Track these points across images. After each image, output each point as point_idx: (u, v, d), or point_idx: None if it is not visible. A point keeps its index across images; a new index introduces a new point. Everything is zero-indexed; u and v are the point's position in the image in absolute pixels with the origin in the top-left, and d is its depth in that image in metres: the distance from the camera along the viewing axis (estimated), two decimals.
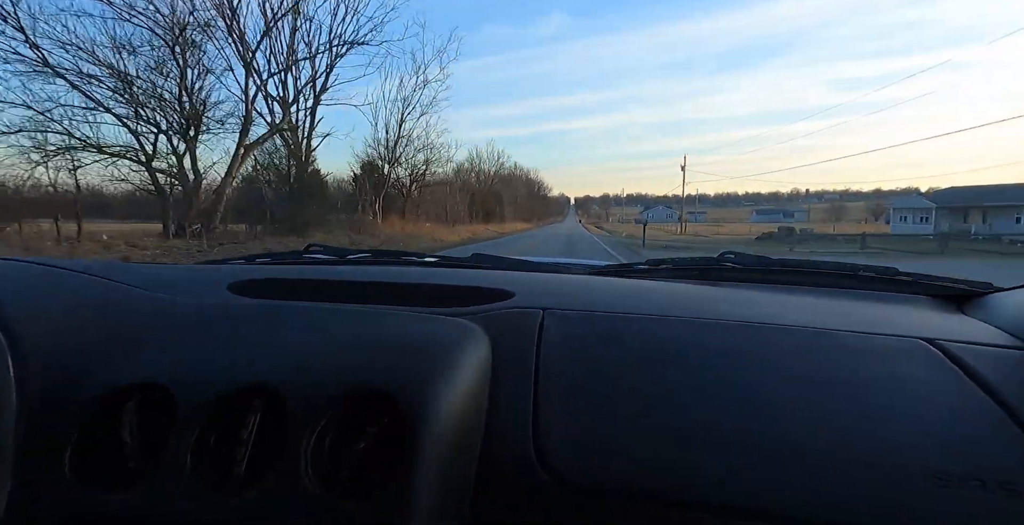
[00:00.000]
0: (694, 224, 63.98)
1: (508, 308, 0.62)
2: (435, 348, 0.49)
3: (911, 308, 0.72)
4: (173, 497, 0.38)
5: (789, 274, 0.85)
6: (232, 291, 0.68)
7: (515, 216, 64.88)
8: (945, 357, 0.52)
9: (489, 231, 36.12)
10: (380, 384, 0.43)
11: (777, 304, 0.70)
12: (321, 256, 0.99)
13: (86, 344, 0.48)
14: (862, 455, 0.40)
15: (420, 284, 0.74)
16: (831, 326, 0.59)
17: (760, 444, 0.42)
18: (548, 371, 0.50)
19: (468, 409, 0.44)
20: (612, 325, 0.58)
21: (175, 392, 0.42)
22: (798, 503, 0.38)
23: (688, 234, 36.18)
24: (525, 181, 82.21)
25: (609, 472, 0.41)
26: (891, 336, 0.56)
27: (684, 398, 0.47)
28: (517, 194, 71.35)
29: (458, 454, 0.42)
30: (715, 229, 50.30)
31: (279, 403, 0.41)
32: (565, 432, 0.44)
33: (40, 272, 0.58)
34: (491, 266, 0.91)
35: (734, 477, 0.39)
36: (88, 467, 0.41)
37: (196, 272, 0.80)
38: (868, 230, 32.73)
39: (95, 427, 0.42)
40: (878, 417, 0.44)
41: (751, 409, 0.45)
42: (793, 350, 0.54)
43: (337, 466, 0.40)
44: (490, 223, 43.74)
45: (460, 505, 0.41)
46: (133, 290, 0.60)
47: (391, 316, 0.57)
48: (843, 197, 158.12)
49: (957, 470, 0.39)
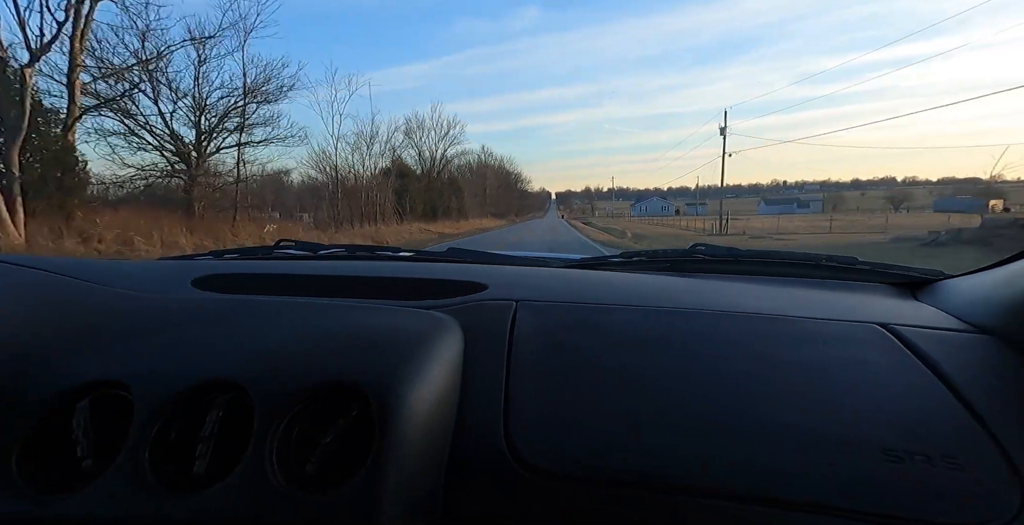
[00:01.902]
0: (696, 218, 52.54)
1: (481, 300, 0.62)
2: (406, 340, 0.48)
3: (868, 295, 0.76)
4: (130, 497, 0.37)
5: (756, 265, 0.88)
6: (196, 286, 0.66)
7: (482, 212, 52.22)
8: (897, 341, 0.55)
9: (424, 233, 23.38)
10: (348, 377, 0.42)
11: (743, 293, 0.72)
12: (293, 251, 0.98)
13: (39, 340, 0.47)
14: (819, 434, 0.42)
15: (392, 278, 0.72)
16: (792, 313, 0.61)
17: (726, 426, 0.43)
18: (521, 362, 0.50)
19: (440, 401, 0.44)
20: (583, 315, 0.59)
21: (133, 389, 0.41)
22: (761, 481, 0.39)
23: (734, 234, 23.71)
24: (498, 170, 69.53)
25: (580, 460, 0.41)
26: (848, 322, 0.59)
27: (653, 384, 0.48)
28: (487, 185, 58.67)
29: (429, 446, 0.41)
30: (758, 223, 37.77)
31: (243, 398, 0.40)
32: (537, 422, 0.44)
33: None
34: (466, 260, 0.90)
35: (703, 459, 0.41)
36: (39, 468, 0.39)
37: (159, 267, 0.77)
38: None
39: (47, 426, 0.41)
40: (834, 398, 0.46)
41: (716, 393, 0.46)
42: (755, 336, 0.55)
43: (304, 461, 0.39)
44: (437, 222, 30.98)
45: (431, 497, 0.40)
46: (91, 285, 0.58)
47: (360, 309, 0.56)
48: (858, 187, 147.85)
49: (905, 446, 0.41)
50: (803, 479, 0.39)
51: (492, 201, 60.80)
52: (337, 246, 1.00)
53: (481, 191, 57.06)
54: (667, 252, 0.97)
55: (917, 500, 0.38)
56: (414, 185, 29.23)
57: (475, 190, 55.72)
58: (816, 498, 0.38)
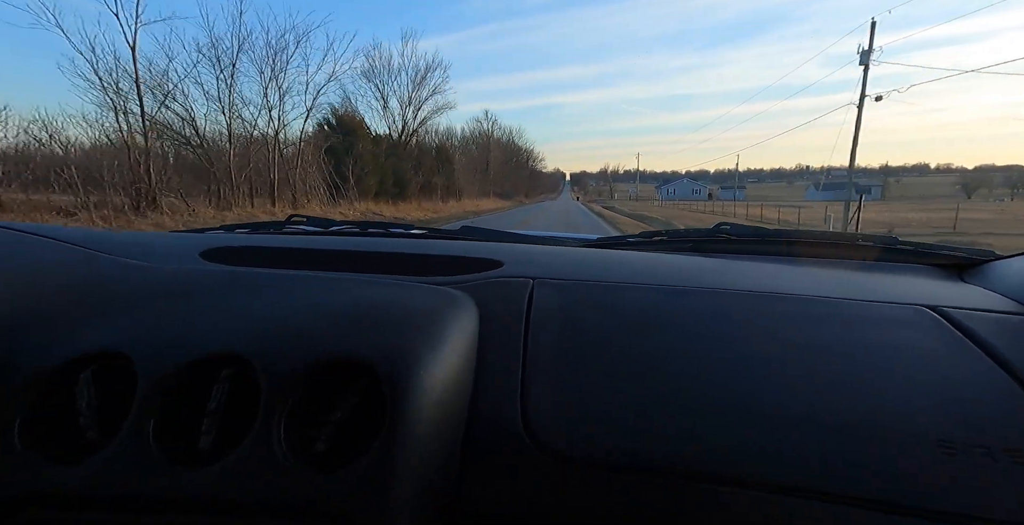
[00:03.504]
0: (732, 203, 42.88)
1: (497, 277, 0.60)
2: (419, 316, 0.47)
3: (911, 277, 0.72)
4: (133, 470, 0.36)
5: (785, 245, 0.84)
6: (205, 258, 0.65)
7: (482, 190, 42.83)
8: (949, 324, 0.51)
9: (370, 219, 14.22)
10: (360, 352, 0.41)
11: (773, 274, 0.68)
12: (304, 227, 0.97)
13: (43, 309, 0.46)
14: (865, 424, 0.39)
15: (404, 254, 0.71)
16: (831, 294, 0.57)
17: (758, 413, 0.40)
18: (537, 341, 0.49)
19: (454, 379, 0.43)
20: (603, 294, 0.57)
21: (136, 360, 0.40)
22: (799, 472, 0.37)
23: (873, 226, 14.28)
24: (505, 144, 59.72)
25: (598, 443, 0.39)
26: (893, 304, 0.55)
27: (677, 367, 0.45)
28: (489, 158, 49.13)
29: (442, 426, 0.40)
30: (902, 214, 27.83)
31: (250, 372, 0.39)
32: (554, 403, 0.42)
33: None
34: (480, 238, 0.89)
35: (732, 448, 0.38)
36: (41, 439, 0.39)
37: (168, 239, 0.76)
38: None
39: (50, 397, 0.40)
40: (881, 385, 0.43)
41: (748, 378, 0.44)
42: (791, 318, 0.52)
43: (313, 438, 0.38)
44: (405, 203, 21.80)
45: (444, 477, 0.39)
46: (96, 254, 0.57)
47: (373, 284, 0.54)
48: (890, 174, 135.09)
49: (962, 437, 0.38)
50: (848, 471, 0.36)
51: (496, 179, 51.29)
52: (349, 222, 0.99)
53: (482, 165, 47.59)
54: (689, 232, 0.94)
55: (977, 496, 0.35)
56: (368, 150, 19.82)
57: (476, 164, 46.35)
58: (862, 492, 0.35)
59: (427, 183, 26.96)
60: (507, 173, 56.49)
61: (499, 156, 53.64)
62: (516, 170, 63.11)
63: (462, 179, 35.67)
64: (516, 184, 61.19)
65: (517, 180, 62.78)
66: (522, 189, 64.76)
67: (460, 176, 34.96)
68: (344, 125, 19.49)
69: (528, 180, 73.41)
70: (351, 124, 19.79)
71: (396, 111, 26.67)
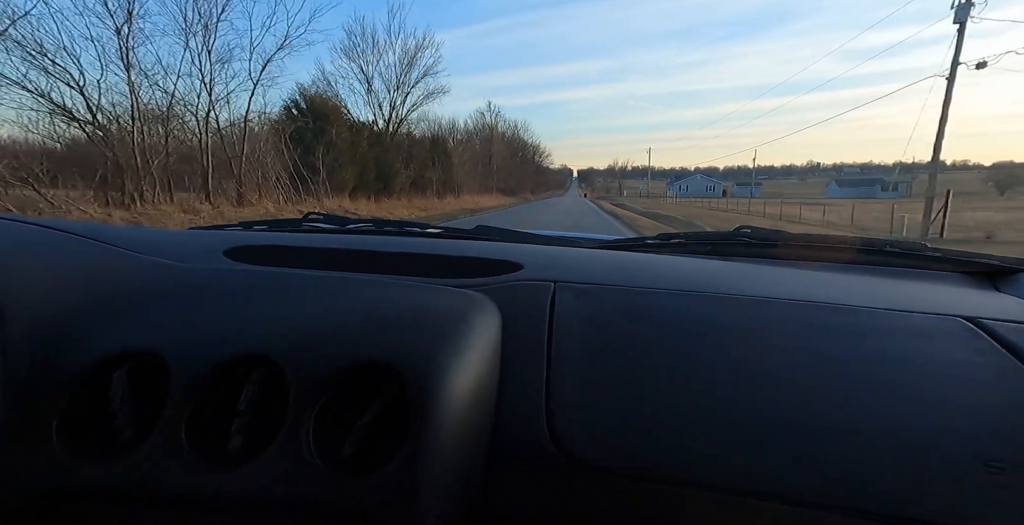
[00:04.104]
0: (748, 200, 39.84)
1: (517, 280, 0.60)
2: (444, 320, 0.47)
3: (943, 285, 0.70)
4: (166, 469, 0.37)
5: (809, 249, 0.82)
6: (229, 257, 0.66)
7: (484, 186, 40.09)
8: (988, 336, 0.49)
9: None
10: (386, 356, 0.41)
11: (800, 280, 0.67)
12: (321, 225, 0.98)
13: (76, 307, 0.46)
14: (906, 441, 0.38)
15: (424, 254, 0.71)
16: (860, 303, 0.56)
17: (793, 427, 0.40)
18: (561, 346, 0.48)
19: (478, 384, 0.42)
20: (626, 299, 0.56)
21: (169, 360, 0.41)
22: (834, 488, 0.36)
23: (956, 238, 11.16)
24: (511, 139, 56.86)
25: (625, 452, 0.39)
26: (928, 314, 0.53)
27: (705, 377, 0.44)
28: (492, 153, 46.33)
29: (468, 431, 0.40)
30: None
31: (279, 374, 0.40)
32: (579, 410, 0.42)
33: (27, 231, 0.55)
34: (495, 237, 0.89)
35: (761, 461, 0.37)
36: (77, 437, 0.39)
37: (190, 237, 0.77)
38: None
39: (85, 396, 0.41)
40: (921, 400, 0.41)
41: (782, 390, 0.43)
42: (824, 328, 0.51)
43: (341, 441, 0.38)
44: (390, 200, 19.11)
45: (470, 483, 0.39)
46: (125, 252, 0.57)
47: (397, 286, 0.54)
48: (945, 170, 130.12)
49: (1010, 455, 0.37)
50: (887, 488, 0.35)
51: (500, 174, 48.50)
52: (365, 220, 1.00)
53: (484, 160, 44.81)
54: (709, 234, 0.93)
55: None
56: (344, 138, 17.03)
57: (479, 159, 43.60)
58: (905, 513, 0.34)
59: (420, 178, 24.18)
60: (511, 168, 53.69)
61: (503, 150, 50.86)
62: (521, 165, 60.33)
63: (461, 174, 32.95)
64: (521, 180, 58.42)
65: (522, 176, 60.00)
66: (527, 185, 61.99)
67: (459, 170, 32.22)
68: (316, 108, 16.70)
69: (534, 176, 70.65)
70: (323, 108, 16.93)
71: (383, 96, 23.86)
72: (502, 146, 51.14)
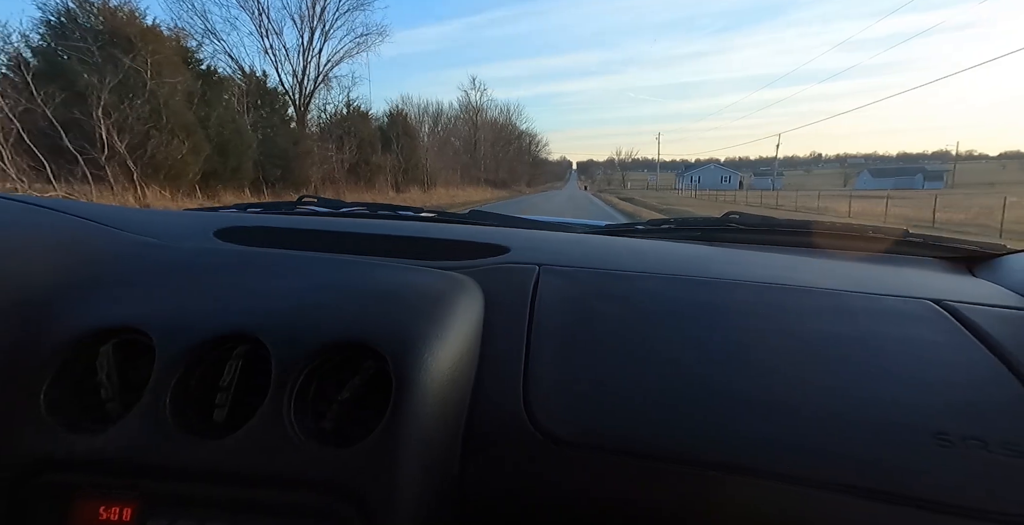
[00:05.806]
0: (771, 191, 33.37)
1: (502, 263, 0.61)
2: (425, 300, 0.48)
3: (919, 270, 0.73)
4: (149, 440, 0.38)
5: (795, 235, 0.85)
6: (219, 237, 0.66)
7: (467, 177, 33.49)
8: (953, 318, 0.51)
9: None
10: (367, 334, 0.42)
11: (781, 265, 0.69)
12: (315, 207, 0.99)
13: (64, 283, 0.47)
14: (863, 414, 0.40)
15: (412, 237, 0.72)
16: (838, 287, 0.57)
17: (759, 402, 0.41)
18: (542, 327, 0.50)
19: (458, 362, 0.44)
20: (609, 282, 0.57)
21: (155, 336, 0.42)
22: (795, 460, 0.38)
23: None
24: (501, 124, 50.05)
25: (600, 428, 0.40)
26: (899, 297, 0.55)
27: (681, 356, 0.46)
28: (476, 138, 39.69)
29: (447, 407, 0.41)
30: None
31: (262, 350, 0.41)
32: (556, 388, 0.43)
33: (17, 208, 0.56)
34: (488, 222, 0.90)
35: (731, 435, 0.39)
36: (63, 409, 0.40)
37: (182, 217, 0.77)
38: None
39: (71, 369, 0.42)
40: (882, 377, 0.44)
41: (750, 368, 0.45)
42: (797, 310, 0.53)
43: (321, 415, 0.40)
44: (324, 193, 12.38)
45: (447, 457, 0.41)
46: (115, 231, 0.58)
47: (381, 267, 0.56)
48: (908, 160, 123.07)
49: (958, 430, 0.39)
50: (843, 460, 0.37)
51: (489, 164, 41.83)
52: (359, 204, 1.01)
53: (470, 147, 38.15)
54: (698, 220, 0.95)
55: (971, 487, 0.36)
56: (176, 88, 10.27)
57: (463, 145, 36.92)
58: (856, 480, 0.36)
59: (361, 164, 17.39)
60: (503, 158, 47.06)
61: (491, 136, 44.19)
62: (516, 156, 53.66)
63: (435, 161, 26.27)
64: (515, 171, 51.86)
65: (517, 167, 53.43)
66: (523, 177, 55.46)
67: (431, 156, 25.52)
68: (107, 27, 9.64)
69: (531, 167, 64.10)
70: (119, 26, 9.70)
71: (293, 45, 16.95)
72: (491, 132, 44.53)
